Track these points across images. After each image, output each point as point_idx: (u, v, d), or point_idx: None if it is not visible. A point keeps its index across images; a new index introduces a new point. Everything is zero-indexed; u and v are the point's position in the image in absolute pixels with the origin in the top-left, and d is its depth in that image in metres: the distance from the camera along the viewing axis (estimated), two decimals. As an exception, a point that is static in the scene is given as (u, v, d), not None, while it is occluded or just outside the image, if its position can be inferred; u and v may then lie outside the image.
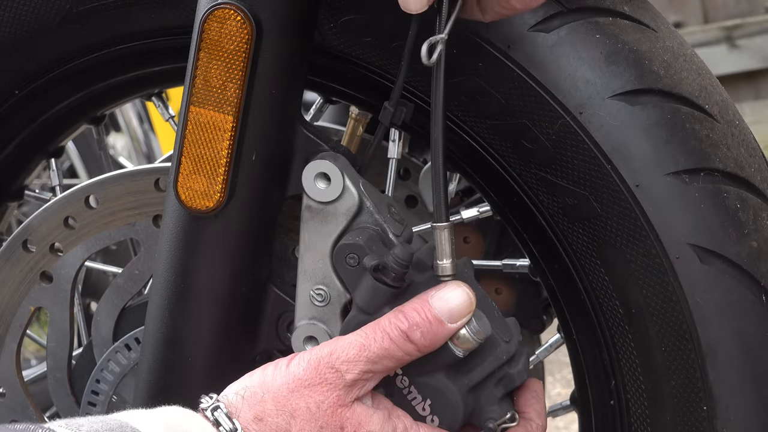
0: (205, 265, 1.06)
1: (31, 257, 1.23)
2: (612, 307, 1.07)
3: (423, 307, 0.97)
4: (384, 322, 0.98)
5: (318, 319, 1.05)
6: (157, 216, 1.18)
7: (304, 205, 1.04)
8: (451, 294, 0.98)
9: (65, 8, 1.14)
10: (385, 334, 0.97)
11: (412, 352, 0.97)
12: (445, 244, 0.99)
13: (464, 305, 0.98)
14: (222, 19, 1.01)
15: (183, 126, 1.04)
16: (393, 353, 0.97)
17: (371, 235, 1.02)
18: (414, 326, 0.96)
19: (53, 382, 1.25)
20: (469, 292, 0.98)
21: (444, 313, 0.97)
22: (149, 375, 1.10)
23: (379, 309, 1.00)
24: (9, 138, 1.25)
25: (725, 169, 1.03)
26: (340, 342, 0.97)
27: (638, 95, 1.03)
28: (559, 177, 1.05)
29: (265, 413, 0.95)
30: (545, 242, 1.09)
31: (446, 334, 0.97)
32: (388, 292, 0.99)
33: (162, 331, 1.08)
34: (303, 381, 0.96)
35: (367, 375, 0.97)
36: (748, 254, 1.02)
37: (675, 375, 1.05)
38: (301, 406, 0.96)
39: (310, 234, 1.04)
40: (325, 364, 0.96)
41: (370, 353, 0.96)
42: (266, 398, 0.96)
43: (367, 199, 1.03)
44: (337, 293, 1.03)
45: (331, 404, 0.96)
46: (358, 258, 1.01)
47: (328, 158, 1.04)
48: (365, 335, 0.97)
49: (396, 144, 1.25)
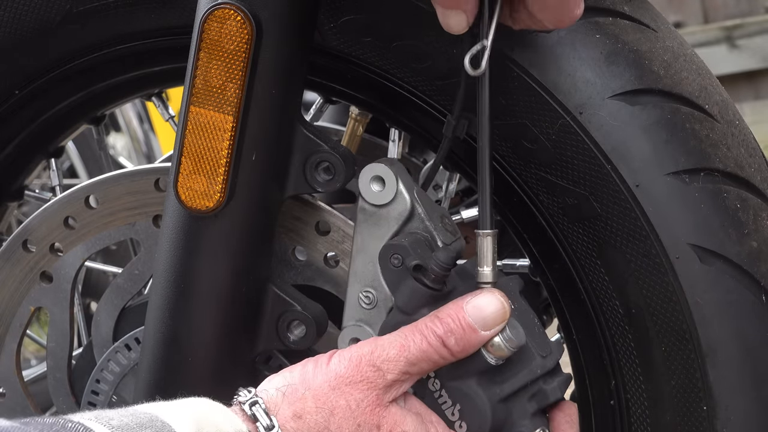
0: (205, 265, 1.06)
1: (31, 257, 1.23)
2: (612, 307, 1.07)
3: (457, 313, 0.97)
4: (422, 325, 0.98)
5: (364, 321, 1.05)
6: (157, 216, 1.18)
7: (358, 207, 1.05)
8: (485, 301, 0.98)
9: (65, 8, 1.14)
10: (423, 337, 0.97)
11: (447, 357, 0.98)
12: (488, 251, 0.99)
13: (498, 313, 0.97)
14: (222, 19, 1.01)
15: (183, 126, 1.04)
16: (430, 356, 0.97)
17: (418, 239, 1.03)
18: (449, 332, 0.97)
19: (53, 382, 1.25)
20: (504, 300, 0.98)
21: (478, 321, 0.97)
22: (149, 375, 1.10)
23: (418, 310, 1.00)
24: (9, 138, 1.25)
25: (725, 169, 1.03)
26: (381, 341, 0.98)
27: (638, 95, 1.03)
28: (559, 177, 1.05)
29: (305, 410, 0.95)
30: (545, 242, 1.09)
31: (479, 341, 0.97)
32: (427, 293, 1.00)
33: (162, 331, 1.08)
34: (344, 378, 0.96)
35: (405, 376, 0.97)
36: (748, 254, 1.02)
37: (675, 375, 1.05)
38: (341, 404, 0.96)
39: (362, 236, 1.05)
40: (367, 362, 0.97)
41: (410, 354, 0.97)
42: (306, 395, 0.96)
43: (419, 205, 1.04)
44: (384, 297, 1.04)
45: (370, 403, 0.96)
46: (402, 259, 1.01)
47: (385, 162, 1.05)
48: (405, 336, 0.97)
49: (396, 144, 1.26)
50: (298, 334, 1.10)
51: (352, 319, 1.06)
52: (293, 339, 1.10)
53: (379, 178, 1.04)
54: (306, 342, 1.10)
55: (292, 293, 1.10)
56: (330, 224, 1.12)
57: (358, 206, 1.05)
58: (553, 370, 1.02)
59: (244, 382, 1.10)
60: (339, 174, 1.06)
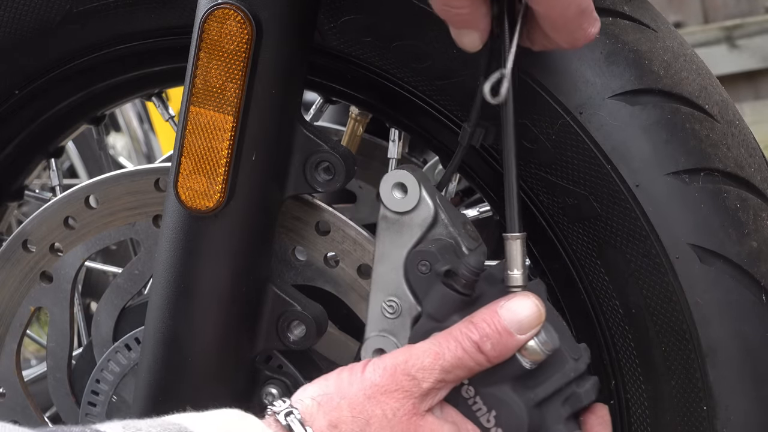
0: (205, 265, 1.06)
1: (31, 257, 1.23)
2: (612, 307, 1.07)
3: (492, 317, 0.96)
4: (455, 331, 0.96)
5: (388, 331, 1.03)
6: (157, 216, 1.18)
7: (380, 215, 1.03)
8: (520, 305, 0.96)
9: (65, 8, 1.14)
10: (458, 343, 0.96)
11: (483, 363, 0.96)
12: (517, 254, 0.98)
13: (533, 316, 0.96)
14: (222, 19, 1.01)
15: (183, 126, 1.04)
16: (465, 363, 0.96)
17: (445, 245, 1.01)
18: (484, 337, 0.95)
19: (53, 382, 1.24)
20: (539, 303, 0.97)
21: (513, 324, 0.96)
22: (149, 375, 1.09)
23: (448, 317, 0.99)
24: (9, 138, 1.25)
25: (725, 169, 1.03)
26: (415, 350, 0.96)
27: (638, 95, 1.03)
28: (559, 177, 1.05)
29: (341, 420, 0.94)
30: (545, 242, 1.09)
31: (515, 345, 0.96)
32: (457, 299, 0.99)
33: (162, 331, 1.08)
34: (380, 387, 0.95)
35: (440, 384, 0.96)
36: (748, 254, 1.02)
37: (675, 375, 1.05)
38: (377, 413, 0.94)
39: (384, 244, 1.03)
40: (402, 371, 0.95)
41: (445, 362, 0.95)
42: (342, 405, 0.94)
43: (443, 212, 1.02)
44: (409, 305, 1.02)
45: (406, 412, 0.95)
46: (430, 265, 1.00)
47: (406, 169, 1.03)
48: (438, 344, 0.96)
49: (396, 144, 1.25)
50: (298, 334, 1.10)
51: (375, 329, 1.04)
52: (293, 339, 1.10)
53: (401, 185, 1.03)
54: (306, 342, 1.10)
55: (292, 293, 1.10)
56: (330, 224, 1.12)
57: (379, 214, 1.03)
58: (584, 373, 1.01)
59: (243, 382, 1.10)
60: (339, 174, 1.06)
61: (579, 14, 0.92)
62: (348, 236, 1.12)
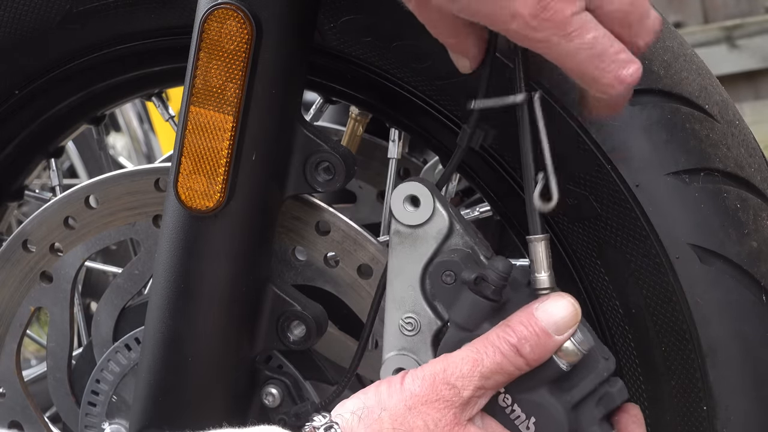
0: (205, 265, 1.06)
1: (31, 257, 1.23)
2: (612, 307, 1.07)
3: (529, 320, 0.95)
4: (492, 336, 0.95)
5: (408, 349, 1.01)
6: (157, 216, 1.18)
7: (392, 231, 1.02)
8: (557, 305, 0.95)
9: (65, 8, 1.14)
10: (496, 348, 0.94)
11: (522, 367, 0.95)
12: (542, 256, 0.97)
13: (570, 316, 0.95)
14: (222, 19, 1.01)
15: (183, 126, 1.04)
16: (505, 368, 0.94)
17: (466, 254, 1.00)
18: (523, 340, 0.94)
19: (53, 382, 1.24)
20: (575, 303, 0.96)
21: (551, 326, 0.94)
22: (149, 375, 1.09)
23: (479, 325, 0.97)
24: (9, 138, 1.25)
25: (725, 169, 1.03)
26: (452, 358, 0.95)
27: (638, 95, 1.03)
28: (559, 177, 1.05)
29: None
30: (545, 242, 1.09)
31: (554, 347, 0.95)
32: (487, 306, 0.97)
33: (162, 331, 1.08)
34: (420, 398, 0.94)
35: (480, 392, 0.95)
36: (748, 254, 1.02)
37: (675, 375, 1.05)
38: (418, 425, 0.93)
39: (399, 260, 1.01)
40: (441, 380, 0.94)
41: (484, 368, 0.94)
42: (383, 417, 0.93)
43: (457, 221, 1.01)
44: (428, 321, 1.00)
45: (448, 422, 0.93)
46: (455, 275, 0.99)
47: (417, 180, 1.01)
48: (476, 350, 0.95)
49: (396, 144, 1.25)
50: (298, 334, 1.10)
51: (395, 348, 1.02)
52: (293, 339, 1.10)
53: (413, 197, 1.01)
54: (306, 342, 1.10)
55: (292, 293, 1.10)
56: (330, 224, 1.12)
57: (391, 230, 1.02)
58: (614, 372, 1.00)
59: (244, 382, 1.10)
60: (339, 174, 1.06)
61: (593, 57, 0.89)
62: (348, 236, 1.12)
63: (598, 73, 0.89)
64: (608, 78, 0.90)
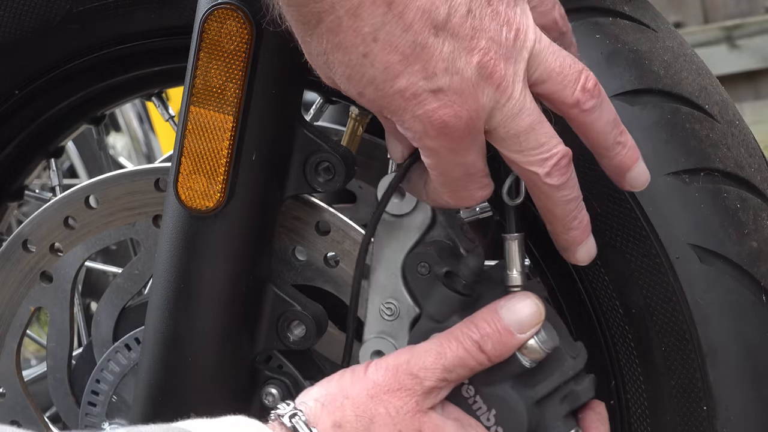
0: (205, 265, 1.06)
1: (31, 257, 1.23)
2: (612, 307, 1.07)
3: (493, 317, 0.97)
4: (457, 331, 0.97)
5: (387, 333, 1.04)
6: (157, 216, 1.18)
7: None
8: (520, 304, 0.97)
9: (65, 8, 1.14)
10: (459, 343, 0.97)
11: (484, 362, 0.97)
12: (515, 254, 0.99)
13: (533, 315, 0.97)
14: (222, 19, 1.01)
15: (183, 126, 1.04)
16: (466, 362, 0.97)
17: (443, 247, 1.02)
18: (485, 336, 0.96)
19: (53, 382, 1.24)
20: (538, 302, 0.98)
21: (513, 324, 0.97)
22: (149, 375, 1.10)
23: (449, 317, 1.00)
24: (9, 138, 1.25)
25: (725, 169, 1.03)
26: (416, 350, 0.97)
27: (638, 95, 1.03)
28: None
29: (345, 419, 0.95)
30: (545, 242, 1.09)
31: (516, 345, 0.97)
32: (458, 300, 0.99)
33: (162, 331, 1.08)
34: (382, 387, 0.96)
35: (443, 383, 0.97)
36: (748, 254, 1.02)
37: (675, 375, 1.05)
38: (380, 412, 0.95)
39: (382, 246, 1.03)
40: (404, 371, 0.96)
41: (446, 361, 0.96)
42: (345, 404, 0.95)
43: (440, 214, 1.03)
44: (407, 308, 1.02)
45: (410, 409, 0.96)
46: (429, 267, 1.01)
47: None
48: (440, 344, 0.97)
49: (396, 144, 1.25)
50: (298, 334, 1.10)
51: (374, 332, 1.04)
52: (293, 339, 1.10)
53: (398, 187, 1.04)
54: (306, 342, 1.10)
55: (292, 293, 1.10)
56: (330, 224, 1.12)
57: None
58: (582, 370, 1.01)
59: (243, 382, 1.10)
60: (339, 174, 1.06)
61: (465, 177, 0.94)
62: (348, 236, 1.12)
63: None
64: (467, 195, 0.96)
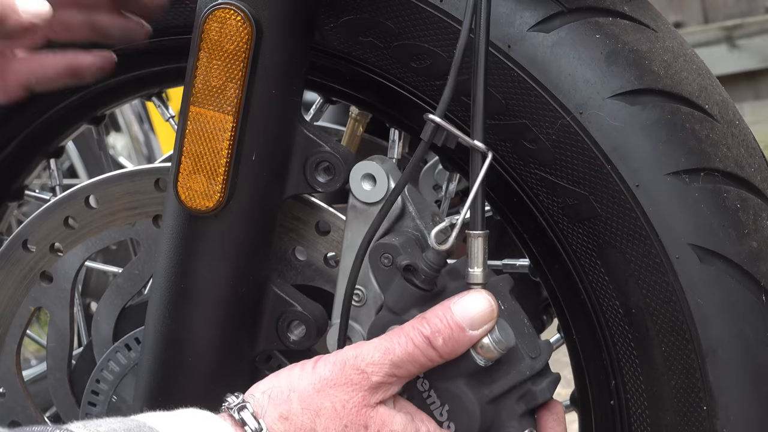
0: (205, 265, 1.06)
1: (31, 257, 1.23)
2: (612, 307, 1.07)
3: (445, 313, 0.97)
4: (407, 327, 0.98)
5: (353, 318, 1.05)
6: (157, 216, 1.18)
7: (349, 205, 1.05)
8: (473, 301, 0.97)
9: (65, 8, 1.14)
10: (409, 338, 0.97)
11: (435, 358, 0.97)
12: (479, 252, 0.99)
13: (485, 313, 0.97)
14: (222, 19, 1.01)
15: (183, 126, 1.04)
16: (416, 358, 0.97)
17: (408, 238, 1.03)
18: (436, 332, 0.96)
19: (53, 382, 1.25)
20: (491, 300, 0.98)
21: (465, 321, 0.97)
22: (149, 375, 1.10)
23: (407, 310, 1.00)
24: (9, 138, 1.25)
25: (725, 169, 1.03)
26: (365, 346, 0.98)
27: (638, 95, 1.03)
28: (559, 177, 1.05)
29: (291, 412, 0.95)
30: (545, 242, 1.09)
31: (468, 342, 0.97)
32: (417, 294, 1.00)
33: (162, 331, 1.08)
34: (329, 381, 0.96)
35: (392, 378, 0.97)
36: (748, 254, 1.02)
37: (675, 375, 1.05)
38: (326, 405, 0.96)
39: (352, 233, 1.05)
40: (351, 366, 0.97)
41: (395, 357, 0.97)
42: (292, 397, 0.96)
43: (410, 204, 1.03)
44: (374, 295, 1.04)
45: (356, 404, 0.96)
46: (392, 258, 1.01)
47: (376, 160, 1.04)
48: (389, 339, 0.97)
49: (396, 144, 1.26)
50: (298, 334, 1.10)
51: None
52: (293, 339, 1.10)
53: (371, 176, 1.04)
54: (306, 342, 1.10)
55: (292, 293, 1.10)
56: (330, 224, 1.12)
57: (348, 203, 1.05)
58: (542, 370, 1.02)
59: (243, 382, 1.10)
60: (339, 174, 1.06)
61: None
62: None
63: None
64: None
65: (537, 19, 1.04)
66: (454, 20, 1.05)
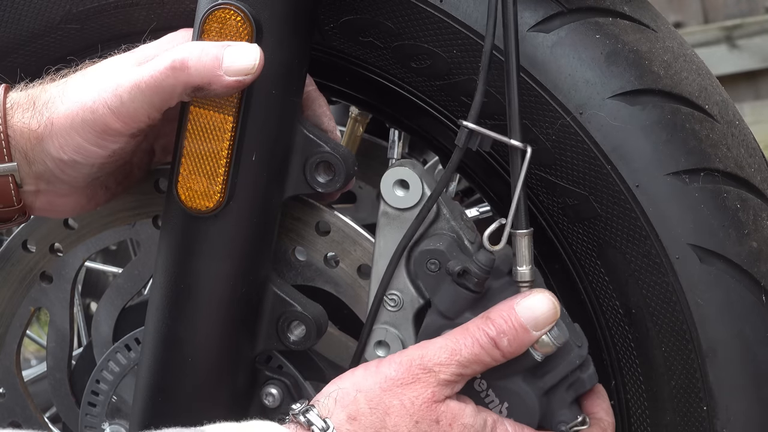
0: (205, 265, 1.06)
1: (31, 257, 1.23)
2: (612, 307, 1.07)
3: (509, 314, 0.98)
4: (472, 328, 0.98)
5: (390, 323, 1.05)
6: (157, 216, 1.18)
7: (380, 212, 1.05)
8: (537, 302, 0.98)
9: (65, 8, 1.14)
10: (475, 340, 0.97)
11: (499, 358, 0.98)
12: (525, 250, 0.99)
13: (550, 313, 0.98)
14: (222, 19, 1.01)
15: (183, 126, 1.04)
16: (482, 358, 0.97)
17: (450, 242, 1.03)
18: (501, 333, 0.97)
19: (53, 382, 1.24)
20: (554, 301, 0.99)
21: (530, 321, 0.98)
22: (149, 375, 1.10)
23: (460, 314, 1.01)
24: (9, 138, 1.25)
25: (725, 169, 1.03)
26: (431, 346, 0.98)
27: (638, 95, 1.03)
28: (559, 177, 1.05)
29: (359, 412, 0.96)
30: (545, 242, 1.09)
31: (531, 341, 0.98)
32: (470, 297, 1.00)
33: (162, 331, 1.08)
34: (395, 380, 0.97)
35: (457, 377, 0.98)
36: (748, 254, 1.02)
37: (675, 375, 1.05)
38: (395, 404, 0.96)
39: (385, 240, 1.04)
40: (418, 365, 0.97)
41: (461, 358, 0.97)
42: (359, 398, 0.96)
43: (444, 207, 1.04)
44: (410, 299, 1.04)
45: (426, 399, 0.96)
46: (440, 263, 1.01)
47: (407, 165, 1.04)
48: (455, 340, 0.98)
49: (396, 144, 1.26)
50: (298, 335, 1.10)
51: (378, 322, 1.05)
52: (293, 339, 1.10)
53: (402, 181, 1.04)
54: (306, 342, 1.10)
55: (292, 293, 1.10)
56: (330, 224, 1.12)
57: (379, 210, 1.05)
58: (587, 358, 1.03)
59: (244, 382, 1.10)
60: (339, 174, 1.06)
61: None
62: (348, 236, 1.12)
63: None
64: None
65: (537, 20, 1.04)
66: (454, 20, 1.05)
